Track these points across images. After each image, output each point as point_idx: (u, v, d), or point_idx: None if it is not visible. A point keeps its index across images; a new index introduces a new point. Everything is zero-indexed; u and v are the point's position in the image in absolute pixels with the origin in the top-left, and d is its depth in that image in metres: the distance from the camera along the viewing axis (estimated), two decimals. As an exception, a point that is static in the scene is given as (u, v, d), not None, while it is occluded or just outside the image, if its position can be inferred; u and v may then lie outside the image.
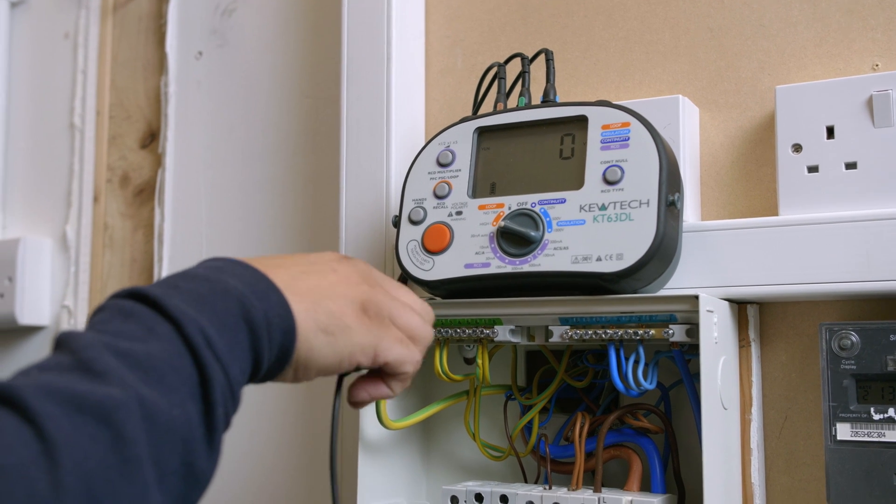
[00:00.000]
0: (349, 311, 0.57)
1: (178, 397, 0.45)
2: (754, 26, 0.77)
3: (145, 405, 0.43)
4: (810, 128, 0.71)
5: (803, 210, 0.70)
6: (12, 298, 1.15)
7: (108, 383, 0.43)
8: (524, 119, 0.73)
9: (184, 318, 0.47)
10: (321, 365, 0.56)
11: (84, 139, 1.17)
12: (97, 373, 0.43)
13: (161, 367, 0.45)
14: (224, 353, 0.48)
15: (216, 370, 0.48)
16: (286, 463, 0.97)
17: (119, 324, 0.47)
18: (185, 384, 0.46)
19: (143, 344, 0.46)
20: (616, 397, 0.76)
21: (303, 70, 1.02)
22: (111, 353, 0.44)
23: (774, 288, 0.69)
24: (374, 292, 0.60)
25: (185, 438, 0.45)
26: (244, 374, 0.51)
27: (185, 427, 0.45)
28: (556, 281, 0.69)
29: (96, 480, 0.40)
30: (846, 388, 0.66)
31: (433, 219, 0.74)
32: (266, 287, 0.53)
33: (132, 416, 0.42)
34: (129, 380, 0.43)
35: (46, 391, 0.41)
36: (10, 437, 0.39)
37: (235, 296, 0.50)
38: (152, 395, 0.44)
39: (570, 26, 0.85)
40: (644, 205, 0.66)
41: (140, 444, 0.42)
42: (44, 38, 1.23)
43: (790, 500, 0.72)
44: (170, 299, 0.48)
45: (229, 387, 0.49)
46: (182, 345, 0.47)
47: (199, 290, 0.50)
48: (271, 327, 0.52)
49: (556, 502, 0.69)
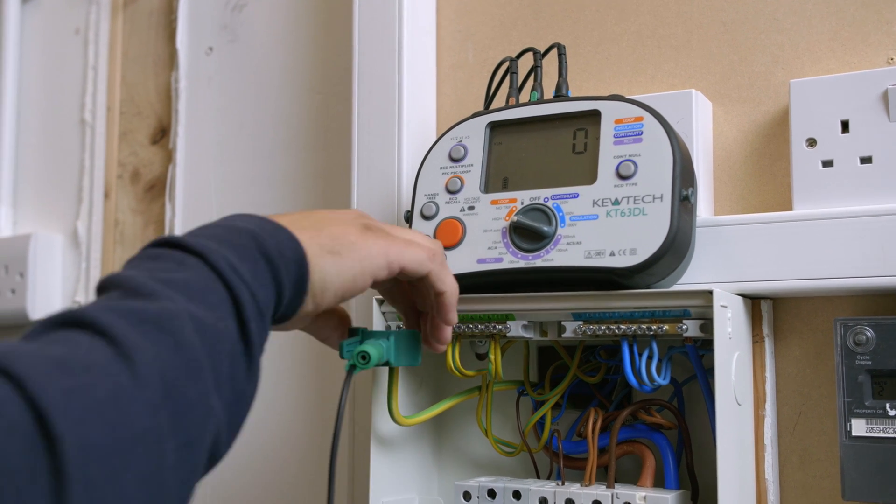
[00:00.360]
0: (352, 230, 0.60)
1: (218, 312, 0.49)
2: (768, 20, 0.76)
3: (195, 317, 0.47)
4: (825, 122, 0.70)
5: (818, 205, 0.70)
6: (24, 294, 1.16)
7: (159, 300, 0.47)
8: (537, 114, 0.73)
9: (207, 250, 0.51)
10: (336, 286, 0.58)
11: (95, 135, 1.18)
12: (147, 294, 0.47)
13: (199, 289, 0.49)
14: (249, 279, 0.52)
15: (244, 292, 0.51)
16: (297, 454, 0.97)
17: (151, 264, 0.51)
18: (223, 303, 0.50)
19: (177, 273, 0.50)
20: (629, 393, 0.76)
21: (313, 65, 1.02)
22: (155, 280, 0.48)
23: (788, 283, 0.68)
24: (371, 222, 0.63)
25: (230, 352, 0.49)
26: (269, 301, 0.54)
27: (229, 340, 0.49)
28: (568, 276, 0.68)
29: (167, 375, 0.44)
30: (861, 383, 0.66)
31: (445, 214, 0.74)
32: (273, 226, 0.56)
33: (186, 325, 0.46)
34: (176, 298, 0.47)
35: (107, 309, 0.45)
36: (86, 346, 0.43)
37: (248, 232, 0.54)
38: (198, 310, 0.48)
39: (582, 21, 0.85)
40: (658, 199, 0.66)
41: (197, 349, 0.46)
42: (54, 34, 1.23)
43: (804, 497, 0.72)
44: (191, 238, 0.52)
45: (258, 309, 0.52)
46: (211, 272, 0.51)
47: (215, 232, 0.54)
48: (284, 258, 0.55)
49: (569, 498, 0.69)
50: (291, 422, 0.98)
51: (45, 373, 0.40)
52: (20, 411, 0.38)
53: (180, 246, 0.52)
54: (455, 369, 0.74)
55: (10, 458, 0.37)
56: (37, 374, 0.40)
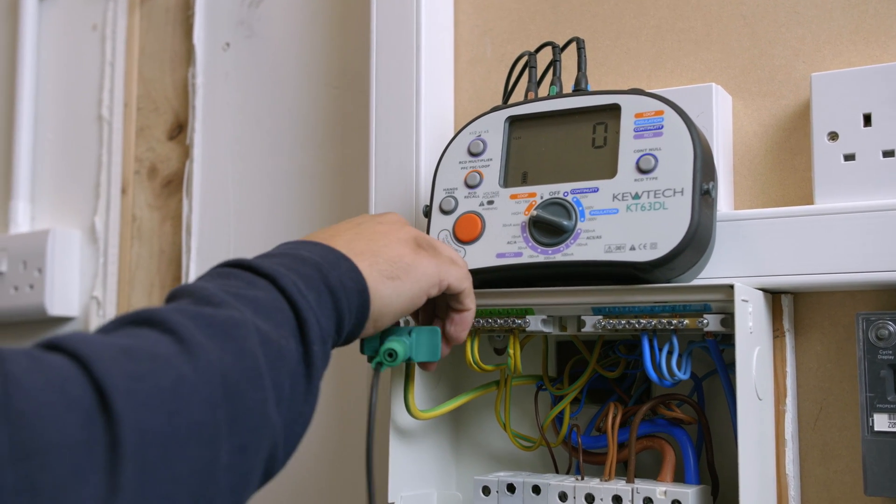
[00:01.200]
0: (406, 250, 0.62)
1: (284, 331, 0.51)
2: (788, 13, 0.76)
3: (261, 331, 0.49)
4: (846, 115, 0.70)
5: (839, 199, 0.70)
6: (42, 289, 1.16)
7: (228, 309, 0.49)
8: (556, 108, 0.73)
9: (276, 273, 0.53)
10: (395, 308, 0.61)
11: (112, 131, 1.18)
12: (217, 303, 0.49)
13: (266, 307, 0.51)
14: (315, 305, 0.54)
15: (311, 315, 0.53)
16: (317, 449, 0.97)
17: (222, 281, 0.53)
18: (288, 323, 0.51)
19: (248, 291, 0.51)
20: (648, 388, 0.75)
21: (330, 60, 1.02)
22: (224, 293, 0.50)
23: (810, 277, 0.68)
24: (418, 231, 0.66)
25: (291, 370, 0.50)
26: (331, 330, 0.55)
27: (292, 359, 0.50)
28: (588, 270, 0.68)
29: (229, 376, 0.45)
30: (883, 378, 0.65)
31: (464, 208, 0.74)
32: (335, 256, 0.58)
33: (251, 335, 0.48)
34: (244, 310, 0.49)
35: (177, 311, 0.47)
36: (153, 340, 0.45)
37: (313, 263, 0.56)
38: (264, 325, 0.49)
39: (601, 15, 0.84)
40: (678, 193, 0.66)
41: (260, 360, 0.48)
42: (72, 31, 1.24)
43: (825, 492, 0.71)
44: (260, 261, 0.54)
45: (321, 335, 0.53)
46: (279, 294, 0.52)
47: (282, 260, 0.56)
48: (347, 290, 0.57)
49: (589, 493, 0.68)
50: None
51: (111, 356, 0.42)
52: (84, 389, 0.40)
53: (250, 268, 0.54)
54: (474, 364, 0.74)
55: (70, 431, 0.39)
56: (102, 357, 0.42)
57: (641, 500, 0.67)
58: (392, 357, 0.65)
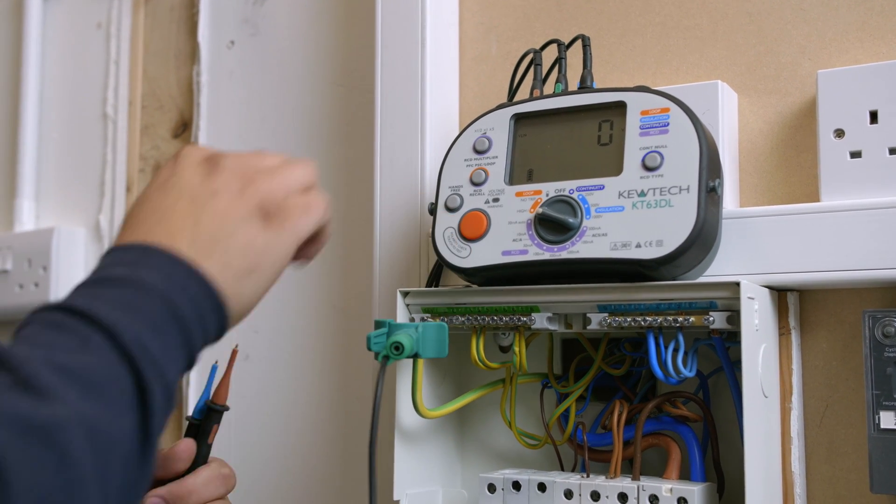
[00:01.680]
0: (255, 230, 0.54)
1: (117, 409, 0.44)
2: (794, 10, 0.76)
3: (88, 422, 0.43)
4: (853, 113, 0.70)
5: (845, 196, 0.69)
6: (47, 287, 1.16)
7: (50, 401, 0.42)
8: (561, 105, 0.73)
9: (118, 326, 0.46)
10: (256, 299, 0.55)
11: (117, 129, 1.18)
12: (38, 390, 0.42)
13: (99, 380, 0.44)
14: (160, 357, 0.47)
15: (153, 377, 0.46)
16: (320, 447, 0.98)
17: (52, 335, 0.45)
18: (124, 395, 0.45)
19: (78, 355, 0.44)
20: (653, 385, 0.75)
21: (335, 58, 1.02)
22: (49, 368, 0.43)
23: (816, 275, 0.68)
24: (256, 186, 0.56)
25: (124, 455, 0.44)
26: (179, 372, 0.49)
27: (125, 440, 0.44)
28: (594, 268, 0.68)
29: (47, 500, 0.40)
30: (890, 375, 0.65)
31: (470, 206, 0.74)
32: (183, 272, 0.50)
33: (76, 436, 0.42)
34: (69, 397, 0.42)
35: None
36: None
37: (158, 295, 0.48)
38: (94, 410, 0.43)
39: (606, 12, 0.84)
40: (684, 191, 0.66)
41: (85, 464, 0.42)
42: (76, 29, 1.24)
43: (831, 490, 0.71)
44: (98, 308, 0.46)
45: (166, 392, 0.47)
46: (117, 355, 0.45)
47: (123, 295, 0.48)
48: (203, 318, 0.50)
49: (594, 490, 0.68)
50: (313, 414, 0.98)
51: None
52: None
53: (86, 316, 0.46)
54: (479, 361, 0.74)
55: None
56: None
57: (647, 497, 0.67)
58: (399, 350, 0.65)
